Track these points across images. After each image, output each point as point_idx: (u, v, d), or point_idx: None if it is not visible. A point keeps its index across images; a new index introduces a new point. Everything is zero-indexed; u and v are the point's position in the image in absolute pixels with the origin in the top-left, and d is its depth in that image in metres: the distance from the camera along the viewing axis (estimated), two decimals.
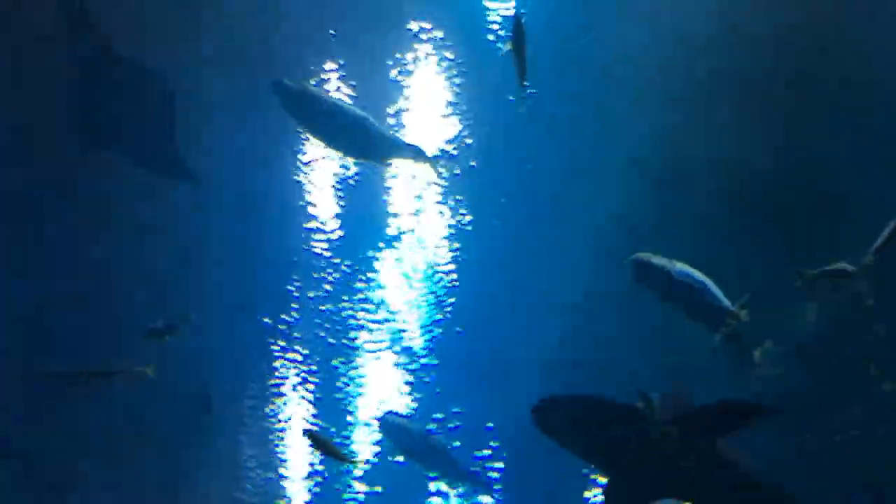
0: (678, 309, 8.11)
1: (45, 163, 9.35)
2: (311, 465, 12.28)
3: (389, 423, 11.10)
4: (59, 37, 8.39)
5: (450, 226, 9.78)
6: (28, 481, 11.96)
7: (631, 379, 8.12)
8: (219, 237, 10.06)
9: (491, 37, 8.30)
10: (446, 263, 10.13)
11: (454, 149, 9.06)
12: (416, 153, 8.77)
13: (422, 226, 9.82)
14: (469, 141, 8.98)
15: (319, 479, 12.52)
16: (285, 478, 12.61)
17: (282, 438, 12.05)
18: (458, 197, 9.50)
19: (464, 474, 11.62)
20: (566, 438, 6.70)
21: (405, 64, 8.60)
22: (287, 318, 10.67)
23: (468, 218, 9.67)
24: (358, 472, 12.16)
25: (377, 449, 11.92)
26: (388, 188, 9.54)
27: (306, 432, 8.85)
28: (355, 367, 11.13)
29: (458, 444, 11.53)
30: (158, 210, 9.77)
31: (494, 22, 8.26)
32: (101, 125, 8.96)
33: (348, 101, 8.53)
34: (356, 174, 9.47)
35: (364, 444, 11.85)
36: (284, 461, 12.36)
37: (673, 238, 8.29)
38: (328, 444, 8.63)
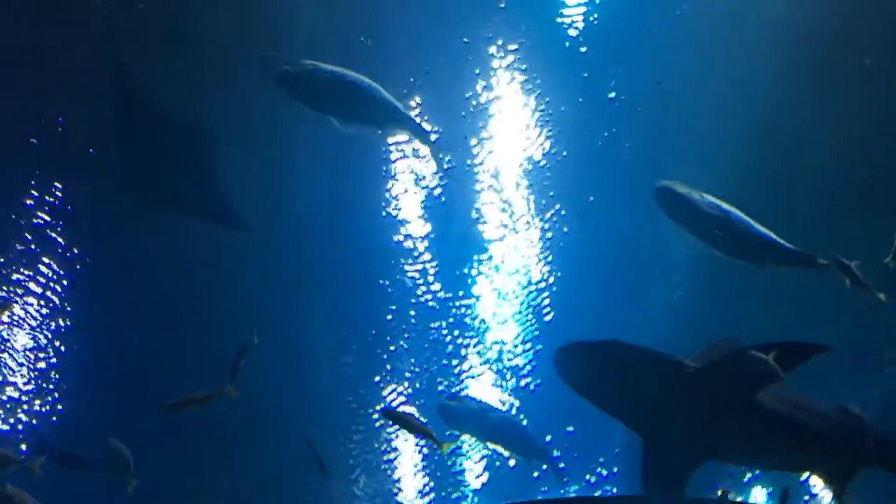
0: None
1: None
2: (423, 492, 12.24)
3: (449, 409, 10.72)
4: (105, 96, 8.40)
5: (543, 238, 9.69)
6: None
7: None
8: (311, 272, 10.09)
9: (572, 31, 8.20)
10: (542, 278, 10.02)
11: (546, 163, 8.99)
12: (419, 132, 8.54)
13: (515, 241, 9.74)
14: (564, 152, 8.89)
15: None
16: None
17: (393, 469, 12.02)
18: (554, 211, 9.41)
19: (538, 449, 11.35)
20: (591, 389, 6.19)
21: (487, 85, 8.53)
22: (387, 347, 10.67)
23: (565, 229, 9.58)
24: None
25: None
26: (478, 204, 9.45)
27: (384, 413, 8.58)
28: (460, 389, 11.06)
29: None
30: (250, 250, 9.85)
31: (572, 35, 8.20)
32: (146, 186, 9.00)
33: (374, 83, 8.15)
34: (444, 196, 9.42)
35: (475, 466, 11.78)
36: (397, 492, 12.33)
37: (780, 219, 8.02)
38: (409, 420, 8.26)
